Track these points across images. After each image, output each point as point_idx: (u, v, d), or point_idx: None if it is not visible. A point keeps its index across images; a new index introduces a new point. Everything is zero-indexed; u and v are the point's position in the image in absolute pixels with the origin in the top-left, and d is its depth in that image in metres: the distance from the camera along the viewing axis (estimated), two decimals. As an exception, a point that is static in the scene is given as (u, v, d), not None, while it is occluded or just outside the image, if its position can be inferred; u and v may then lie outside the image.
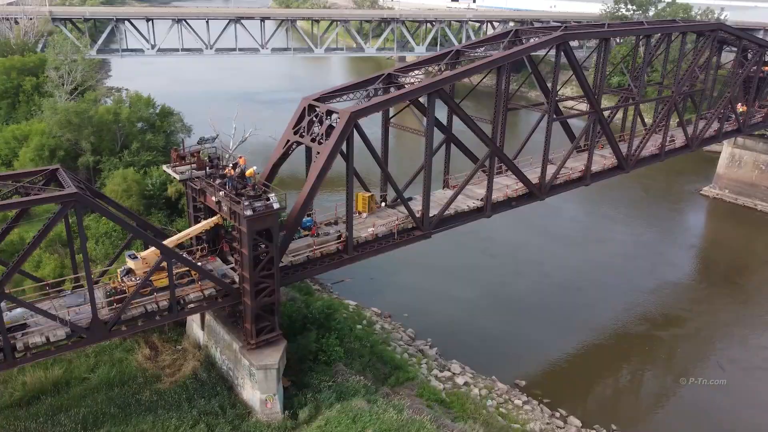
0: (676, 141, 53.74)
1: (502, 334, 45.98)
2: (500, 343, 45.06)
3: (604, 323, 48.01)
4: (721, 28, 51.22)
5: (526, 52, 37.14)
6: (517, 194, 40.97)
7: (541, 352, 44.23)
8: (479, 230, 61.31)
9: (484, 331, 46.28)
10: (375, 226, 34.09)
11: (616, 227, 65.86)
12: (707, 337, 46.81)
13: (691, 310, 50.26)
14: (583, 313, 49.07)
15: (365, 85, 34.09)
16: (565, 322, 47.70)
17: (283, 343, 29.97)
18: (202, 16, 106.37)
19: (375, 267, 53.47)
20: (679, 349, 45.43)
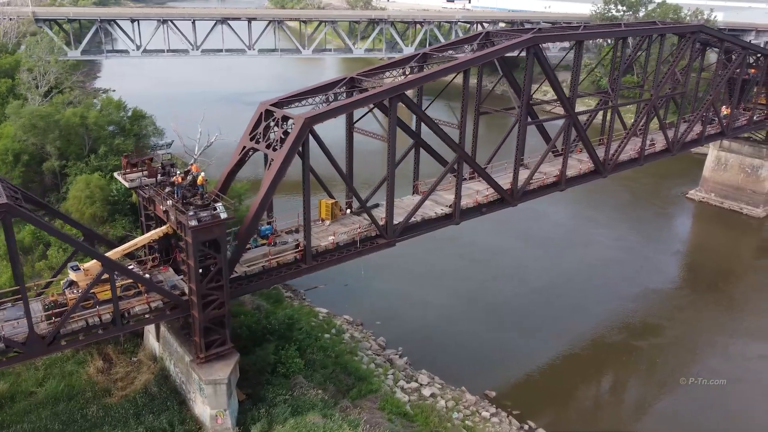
0: (657, 145, 52.78)
1: (476, 343, 45.01)
2: (473, 351, 44.10)
3: (582, 331, 47.04)
4: (701, 30, 50.28)
5: (494, 56, 36.22)
6: (487, 200, 40.03)
7: (515, 362, 43.30)
8: (461, 235, 60.36)
9: (458, 339, 45.33)
10: (335, 235, 33.12)
11: (601, 231, 64.91)
12: (688, 346, 45.74)
13: (673, 318, 49.20)
14: (561, 320, 48.07)
15: (326, 90, 33.15)
16: (542, 330, 46.75)
17: (234, 356, 29.01)
18: (188, 17, 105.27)
19: (350, 273, 52.62)
20: (658, 359, 44.36)
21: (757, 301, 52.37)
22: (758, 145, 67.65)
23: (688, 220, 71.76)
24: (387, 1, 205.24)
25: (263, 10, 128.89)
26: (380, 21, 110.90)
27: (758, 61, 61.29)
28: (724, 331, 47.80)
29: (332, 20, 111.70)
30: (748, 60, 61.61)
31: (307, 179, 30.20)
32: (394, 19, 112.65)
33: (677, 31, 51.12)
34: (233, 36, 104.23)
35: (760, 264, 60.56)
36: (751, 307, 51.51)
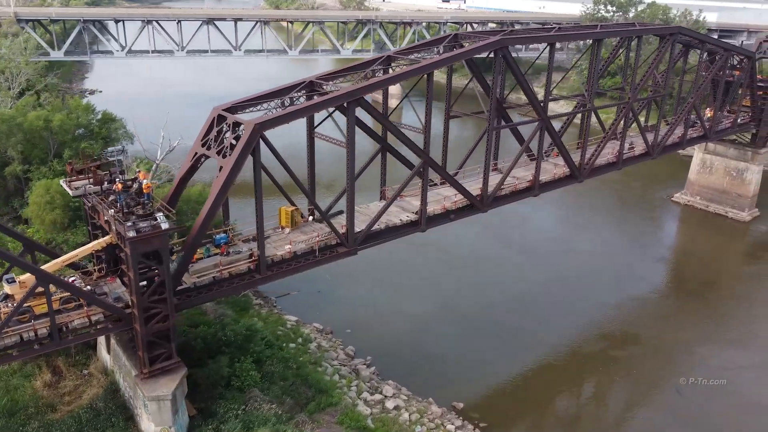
0: (636, 148, 51.77)
1: (449, 352, 43.97)
2: (444, 361, 43.06)
3: (558, 341, 45.85)
4: (680, 31, 49.25)
5: (460, 58, 35.22)
6: (456, 206, 38.99)
7: (486, 372, 42.21)
8: (441, 240, 59.43)
9: (430, 348, 44.32)
10: (292, 243, 32.08)
11: (584, 237, 63.71)
12: (667, 357, 44.60)
13: (653, 328, 48.04)
14: (538, 330, 46.90)
15: (283, 94, 32.11)
16: (516, 340, 45.71)
17: (181, 371, 27.98)
18: (173, 17, 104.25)
19: (324, 279, 51.80)
20: (635, 370, 43.26)
21: (739, 310, 51.16)
22: (743, 148, 66.67)
23: (674, 225, 70.69)
24: (383, 1, 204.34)
25: (249, 11, 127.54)
26: (368, 22, 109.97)
27: (742, 62, 60.31)
28: (705, 340, 46.71)
29: (319, 20, 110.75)
30: (732, 62, 60.73)
31: (259, 187, 29.17)
32: (383, 20, 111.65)
33: (655, 32, 50.13)
34: (221, 37, 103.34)
35: (744, 271, 59.30)
36: (733, 316, 50.35)
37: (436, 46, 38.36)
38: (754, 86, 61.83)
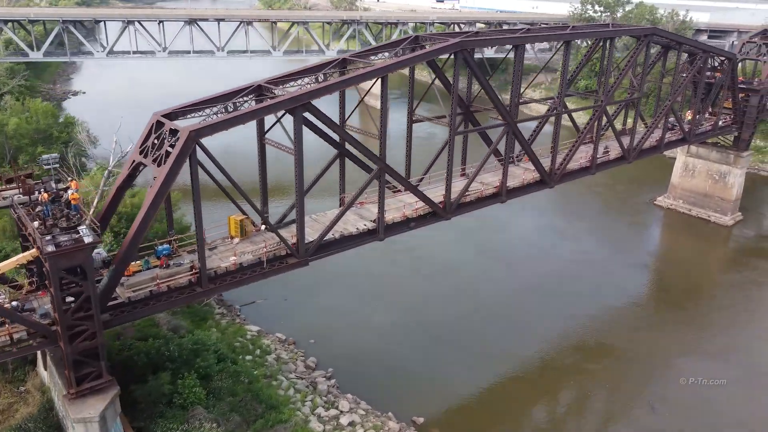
0: (611, 153, 50.49)
1: (414, 364, 42.61)
2: (409, 373, 41.75)
3: (529, 353, 44.46)
4: (654, 32, 47.97)
5: (416, 61, 33.92)
6: (417, 214, 37.67)
7: (452, 385, 40.87)
8: (416, 247, 58.21)
9: (395, 360, 43.03)
10: (237, 254, 30.75)
11: (565, 243, 62.13)
12: (642, 371, 43.12)
13: (630, 339, 46.54)
14: (508, 341, 45.56)
15: (228, 98, 30.79)
16: (486, 352, 44.27)
17: (113, 390, 26.62)
18: (153, 18, 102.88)
19: (292, 287, 50.51)
20: (608, 385, 41.89)
21: (720, 320, 49.69)
22: (725, 151, 65.45)
23: (656, 230, 69.43)
24: (377, 1, 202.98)
25: (232, 11, 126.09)
26: (353, 22, 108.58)
27: (723, 64, 59.05)
28: (683, 353, 45.13)
29: (304, 21, 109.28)
30: (713, 63, 59.51)
31: (197, 197, 27.86)
32: (368, 20, 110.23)
33: (630, 33, 48.89)
34: (205, 38, 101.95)
35: (725, 278, 57.79)
36: (714, 326, 48.96)
37: (395, 48, 37.04)
38: (736, 88, 60.58)
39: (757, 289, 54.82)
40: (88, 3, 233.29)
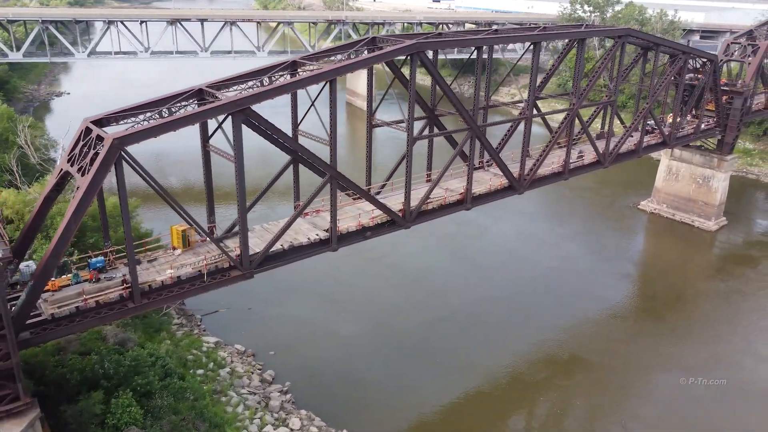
0: (586, 157, 48.92)
1: (377, 377, 41.22)
2: (371, 387, 40.36)
3: (501, 367, 42.97)
4: (629, 33, 46.41)
5: (368, 63, 32.36)
6: (374, 222, 36.12)
7: (414, 400, 39.37)
8: (387, 253, 56.83)
9: (359, 373, 41.61)
10: (173, 267, 29.23)
11: (545, 250, 60.49)
12: (617, 387, 41.55)
13: (605, 352, 44.91)
14: (479, 354, 43.96)
15: (167, 102, 29.25)
16: (453, 365, 42.74)
17: (32, 413, 25.11)
18: (135, 18, 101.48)
19: (257, 295, 49.18)
20: (578, 402, 40.29)
21: (702, 333, 47.85)
22: (709, 155, 63.91)
23: (638, 235, 67.67)
24: (374, 1, 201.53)
25: (217, 11, 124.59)
26: (338, 22, 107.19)
27: (705, 65, 57.45)
28: (662, 367, 43.52)
29: (288, 21, 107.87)
30: (695, 64, 57.95)
31: (125, 207, 26.32)
32: (353, 20, 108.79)
33: (603, 34, 47.32)
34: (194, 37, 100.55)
35: (709, 288, 55.61)
36: (695, 338, 47.06)
37: (350, 50, 35.52)
38: (718, 90, 59.00)
39: (741, 299, 52.94)
40: (81, 3, 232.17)
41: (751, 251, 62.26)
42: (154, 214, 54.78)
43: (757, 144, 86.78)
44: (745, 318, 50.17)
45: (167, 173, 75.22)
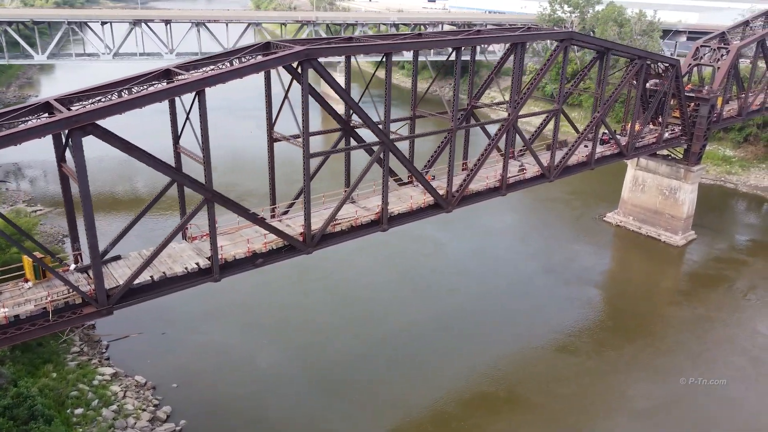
0: (528, 171, 45.14)
1: (287, 417, 37.43)
2: (272, 425, 36.66)
3: (422, 408, 38.86)
4: (572, 36, 42.63)
5: (244, 73, 28.60)
6: (267, 248, 32.46)
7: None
8: (333, 272, 53.29)
9: (267, 411, 38.01)
10: (5, 306, 25.65)
11: (501, 268, 56.53)
12: (557, 420, 37.58)
13: (548, 392, 40.43)
14: (403, 391, 39.78)
15: (23, 113, 25.74)
16: (373, 403, 38.93)
17: None
18: (96, 19, 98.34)
19: (175, 318, 45.99)
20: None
21: (662, 368, 42.84)
22: (676, 165, 59.97)
23: (602, 251, 62.84)
24: (369, 2, 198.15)
25: (183, 12, 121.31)
26: (309, 23, 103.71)
27: (667, 70, 53.52)
28: (611, 409, 39.34)
29: (257, 22, 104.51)
30: (657, 69, 54.10)
31: None
32: (323, 21, 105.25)
33: (545, 37, 43.61)
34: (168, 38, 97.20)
35: (673, 314, 50.37)
36: (654, 376, 42.14)
37: (239, 55, 31.89)
38: (682, 97, 55.08)
39: (708, 327, 48.18)
40: (71, 3, 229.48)
41: (723, 270, 57.66)
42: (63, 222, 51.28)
43: (737, 151, 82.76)
44: (710, 349, 45.57)
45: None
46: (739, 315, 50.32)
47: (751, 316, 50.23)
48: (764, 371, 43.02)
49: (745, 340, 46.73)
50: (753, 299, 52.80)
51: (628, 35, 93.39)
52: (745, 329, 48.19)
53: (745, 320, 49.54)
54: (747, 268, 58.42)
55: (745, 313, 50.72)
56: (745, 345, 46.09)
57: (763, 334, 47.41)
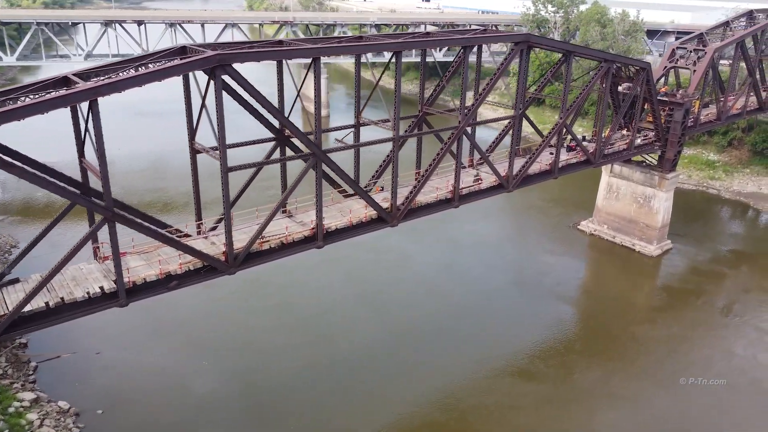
0: (484, 181, 42.65)
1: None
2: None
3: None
4: (528, 39, 40.09)
5: (135, 84, 26.00)
6: (183, 270, 30.01)
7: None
8: (288, 285, 50.77)
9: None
10: None
11: (467, 285, 52.79)
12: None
13: (513, 408, 37.89)
14: (343, 417, 37.10)
15: None
16: (312, 430, 36.51)
17: None
18: (66, 19, 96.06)
19: (113, 336, 43.77)
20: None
21: (632, 396, 39.50)
22: (650, 172, 57.40)
23: (575, 262, 59.44)
24: (364, 1, 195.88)
25: (156, 12, 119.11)
26: (286, 23, 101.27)
27: (638, 73, 51.00)
28: (573, 421, 37.04)
29: (233, 22, 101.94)
30: (629, 72, 51.65)
31: None
32: (300, 22, 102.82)
33: (498, 40, 41.09)
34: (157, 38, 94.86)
35: (646, 334, 46.52)
36: (623, 406, 38.87)
37: (151, 60, 29.42)
38: (654, 101, 52.55)
39: (684, 348, 44.91)
40: (61, 3, 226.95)
41: (701, 283, 54.57)
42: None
43: (722, 155, 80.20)
44: (684, 370, 42.13)
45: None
46: (715, 334, 47.51)
47: (728, 335, 47.34)
48: (740, 400, 40.01)
49: (721, 362, 43.61)
50: (731, 316, 50.04)
51: (611, 36, 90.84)
52: (722, 350, 45.24)
53: (722, 340, 46.54)
54: (726, 281, 55.73)
55: (722, 331, 47.89)
56: (721, 369, 42.86)
57: (740, 356, 44.35)
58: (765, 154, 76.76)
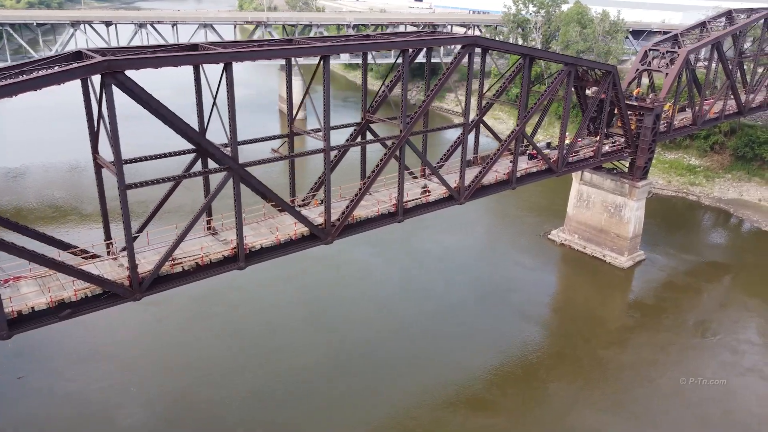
0: (433, 193, 39.92)
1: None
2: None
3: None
4: (476, 42, 37.37)
5: (24, 88, 23.32)
6: (78, 297, 27.24)
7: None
8: (239, 303, 48.00)
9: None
10: None
11: (425, 301, 49.88)
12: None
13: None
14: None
15: None
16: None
17: None
18: (30, 20, 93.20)
19: (41, 358, 41.29)
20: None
21: (588, 424, 37.19)
22: (620, 180, 54.68)
23: (543, 275, 56.34)
24: (356, 1, 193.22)
25: (128, 12, 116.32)
26: (260, 24, 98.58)
27: (605, 76, 48.26)
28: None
29: (208, 23, 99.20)
30: (596, 76, 48.91)
31: None
32: (275, 22, 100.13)
33: (442, 43, 38.42)
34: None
35: (614, 357, 43.70)
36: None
37: (44, 64, 26.66)
38: (622, 106, 49.83)
39: (655, 373, 41.82)
40: (47, 4, 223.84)
41: (674, 299, 51.50)
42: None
43: (703, 160, 77.50)
44: (655, 400, 39.50)
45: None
46: (687, 354, 44.65)
47: (699, 357, 44.45)
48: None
49: (693, 391, 40.61)
50: (706, 335, 47.09)
51: (591, 36, 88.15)
52: (694, 375, 41.89)
53: (694, 364, 43.38)
54: (701, 296, 52.80)
55: (694, 352, 45.13)
56: (692, 398, 39.97)
57: (710, 384, 40.88)
58: (747, 158, 74.06)
